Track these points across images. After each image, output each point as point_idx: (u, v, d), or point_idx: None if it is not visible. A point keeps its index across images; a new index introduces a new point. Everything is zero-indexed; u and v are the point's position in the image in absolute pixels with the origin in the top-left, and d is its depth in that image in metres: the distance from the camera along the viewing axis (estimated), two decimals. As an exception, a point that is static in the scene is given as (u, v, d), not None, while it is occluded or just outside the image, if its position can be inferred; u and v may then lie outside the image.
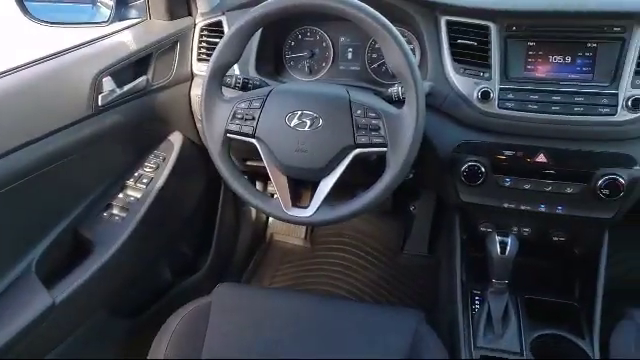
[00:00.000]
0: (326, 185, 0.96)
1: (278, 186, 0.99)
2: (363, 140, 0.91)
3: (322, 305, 1.11)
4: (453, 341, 1.12)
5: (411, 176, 1.16)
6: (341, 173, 0.94)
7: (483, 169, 1.07)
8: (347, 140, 0.92)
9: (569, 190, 1.04)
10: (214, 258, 1.60)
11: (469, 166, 1.07)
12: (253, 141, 0.97)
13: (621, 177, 0.99)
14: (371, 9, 0.87)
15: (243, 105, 0.96)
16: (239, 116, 0.96)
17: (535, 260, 1.30)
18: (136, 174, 1.25)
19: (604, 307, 1.12)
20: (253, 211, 1.86)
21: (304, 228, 1.98)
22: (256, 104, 0.96)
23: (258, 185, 1.76)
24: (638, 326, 0.99)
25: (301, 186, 1.52)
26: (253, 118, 0.95)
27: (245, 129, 0.96)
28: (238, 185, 1.00)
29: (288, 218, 0.98)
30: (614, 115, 0.97)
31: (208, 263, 1.57)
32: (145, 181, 1.23)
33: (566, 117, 0.99)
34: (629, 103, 0.96)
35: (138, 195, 1.21)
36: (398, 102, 0.94)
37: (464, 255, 1.25)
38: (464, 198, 1.13)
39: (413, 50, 1.19)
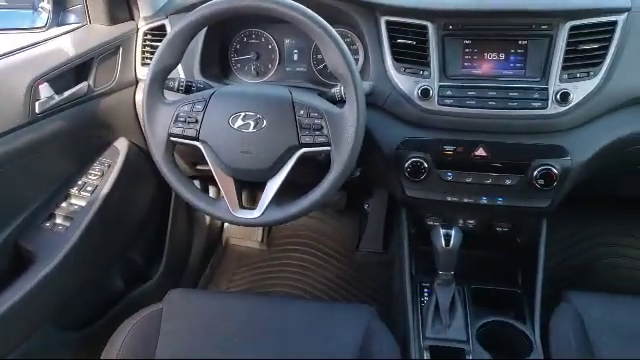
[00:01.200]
0: (273, 185, 0.96)
1: (224, 188, 0.99)
2: (307, 140, 0.92)
3: (275, 306, 1.11)
4: (404, 334, 1.14)
5: (358, 174, 1.18)
6: (287, 173, 0.95)
7: (426, 164, 1.10)
8: (291, 140, 0.93)
9: (508, 182, 1.09)
10: (167, 265, 1.58)
11: (412, 162, 1.10)
12: (197, 144, 0.96)
13: (554, 167, 1.04)
14: (308, 10, 0.88)
15: (186, 108, 0.96)
16: (182, 119, 0.95)
17: (481, 251, 1.34)
18: (80, 182, 1.21)
19: (546, 292, 1.17)
20: (207, 217, 1.85)
21: (260, 231, 1.98)
22: (199, 107, 0.95)
23: (211, 189, 1.75)
24: (575, 308, 1.04)
25: (249, 187, 1.53)
26: (196, 121, 0.95)
27: (188, 132, 0.95)
28: (183, 189, 0.99)
29: (236, 220, 0.98)
30: (545, 109, 1.02)
31: (161, 270, 1.55)
32: (89, 189, 1.20)
33: (502, 112, 1.04)
34: (558, 97, 1.01)
35: (82, 203, 1.18)
36: (341, 102, 0.96)
37: (412, 249, 1.28)
38: (409, 193, 1.16)
39: (357, 50, 1.21)
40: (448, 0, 1.06)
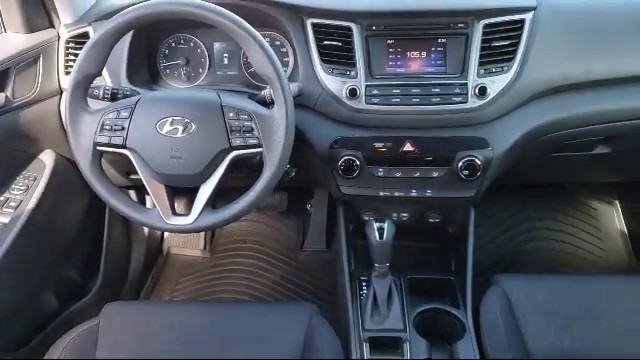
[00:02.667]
0: (206, 190, 0.96)
1: (156, 196, 0.97)
2: (238, 142, 0.93)
3: (216, 311, 1.11)
4: (345, 328, 1.17)
5: (294, 174, 1.19)
6: (220, 177, 0.95)
7: (358, 162, 1.13)
8: (222, 143, 0.93)
9: (435, 174, 1.14)
10: (105, 279, 1.53)
11: (345, 160, 1.13)
12: (125, 152, 0.94)
13: (477, 158, 1.10)
14: (232, 14, 0.89)
15: (111, 116, 0.94)
16: (107, 127, 0.93)
17: (415, 242, 1.40)
18: (2, 198, 1.16)
19: (478, 278, 1.24)
20: (145, 227, 1.81)
21: (202, 238, 1.96)
22: (124, 114, 0.94)
23: (149, 199, 1.71)
24: (502, 290, 1.10)
25: (185, 194, 1.51)
26: (122, 128, 0.93)
27: (115, 140, 0.93)
28: (113, 199, 0.97)
29: (169, 227, 0.97)
30: (466, 103, 1.07)
31: (98, 285, 1.50)
32: (13, 205, 1.15)
33: (426, 107, 1.08)
34: (477, 91, 1.06)
35: (5, 220, 1.13)
36: (272, 103, 0.97)
37: (350, 245, 1.31)
38: (344, 190, 1.19)
39: (287, 53, 1.23)
40: (370, 2, 1.10)
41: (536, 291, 1.10)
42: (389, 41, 1.11)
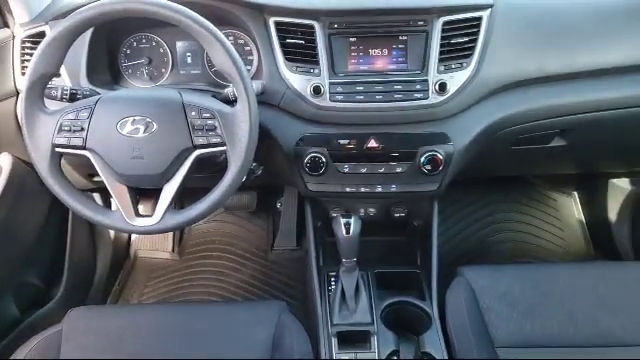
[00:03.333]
0: (170, 190, 0.95)
1: (118, 197, 0.96)
2: (201, 141, 0.93)
3: (185, 313, 1.10)
4: (315, 324, 1.18)
5: (260, 172, 1.20)
6: (184, 176, 0.95)
7: (324, 159, 1.14)
8: (185, 142, 0.92)
9: (399, 169, 1.16)
10: (69, 284, 1.49)
11: (311, 157, 1.14)
12: (85, 153, 0.93)
13: (439, 153, 1.12)
14: (192, 12, 0.88)
15: (70, 116, 0.92)
16: (66, 128, 0.91)
17: (382, 237, 1.42)
18: (-43, 203, 1.12)
19: (444, 271, 1.26)
20: (111, 231, 1.77)
21: (170, 240, 1.94)
22: (84, 114, 0.92)
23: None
24: (467, 281, 1.13)
25: (151, 195, 1.49)
26: (82, 129, 0.92)
27: (74, 141, 0.91)
28: (73, 201, 0.95)
29: (133, 229, 0.96)
30: (427, 99, 1.09)
31: (61, 291, 1.46)
32: (-32, 210, 1.11)
33: (388, 104, 1.10)
34: (437, 87, 1.09)
35: None
36: (235, 102, 0.97)
37: (318, 241, 1.32)
38: (311, 187, 1.20)
39: (251, 51, 1.23)
40: (332, 0, 1.11)
41: (499, 281, 1.13)
42: (351, 39, 1.12)
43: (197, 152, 0.94)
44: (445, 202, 1.85)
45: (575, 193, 1.90)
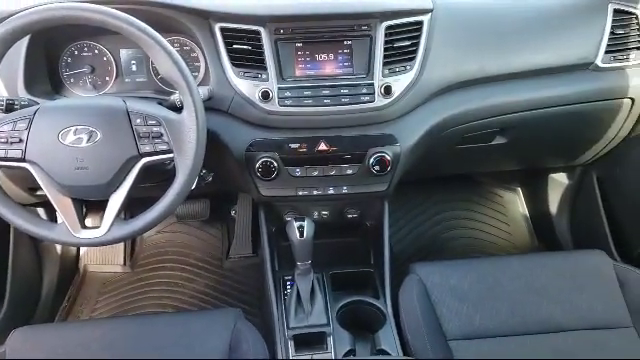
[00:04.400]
0: (117, 200, 0.93)
1: (62, 210, 0.93)
2: (147, 149, 0.91)
3: (136, 326, 1.08)
4: (271, 328, 1.18)
5: (210, 179, 1.19)
6: (131, 186, 0.93)
7: (275, 163, 1.14)
8: (130, 151, 0.91)
9: (349, 171, 1.18)
10: (12, 304, 1.42)
11: (262, 162, 1.14)
12: (24, 165, 0.89)
13: (387, 154, 1.15)
14: (134, 19, 0.87)
15: (6, 127, 0.89)
16: (3, 140, 0.88)
17: (337, 238, 1.44)
18: None
19: (399, 269, 1.29)
20: (58, 245, 1.70)
21: (121, 253, 1.89)
22: (22, 125, 0.89)
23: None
24: (419, 278, 1.16)
25: (96, 207, 1.44)
26: (20, 140, 0.88)
27: (12, 153, 0.88)
28: (14, 216, 0.91)
29: (78, 242, 0.93)
30: (373, 102, 1.12)
31: (4, 311, 1.39)
32: None
33: (336, 108, 1.12)
34: (382, 90, 1.11)
35: None
36: (182, 108, 0.96)
37: (273, 246, 1.33)
38: (264, 192, 1.20)
39: (197, 58, 1.22)
40: (277, 5, 1.11)
41: (449, 276, 1.17)
42: (298, 44, 1.13)
43: (144, 160, 0.92)
44: (397, 202, 1.89)
45: (519, 189, 1.99)
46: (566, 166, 1.66)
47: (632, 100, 1.27)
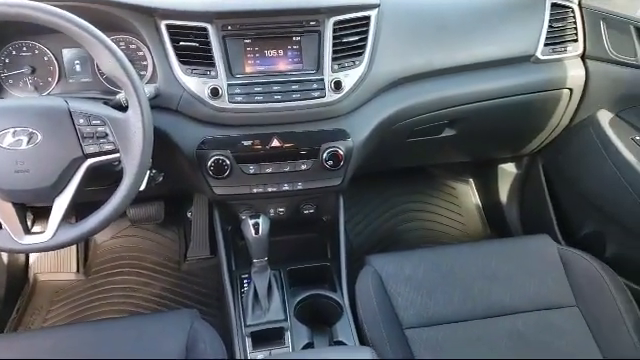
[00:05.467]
0: (62, 204, 0.90)
1: (3, 215, 0.89)
2: (92, 149, 0.89)
3: (89, 332, 1.05)
4: (229, 327, 1.17)
5: (161, 179, 1.17)
6: (76, 188, 0.90)
7: (228, 161, 1.13)
8: (74, 152, 0.88)
9: (303, 167, 1.18)
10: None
11: (214, 160, 1.13)
12: None
13: (340, 149, 1.16)
14: (74, 16, 0.84)
15: None
16: None
17: (293, 235, 1.44)
18: None
19: (356, 262, 1.30)
20: (4, 253, 1.63)
21: (74, 260, 1.83)
22: None
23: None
24: (374, 269, 1.18)
25: (42, 211, 1.39)
26: None
27: None
28: None
29: (23, 248, 0.90)
30: (324, 97, 1.12)
31: (-54, 326, 1.33)
32: None
33: (287, 104, 1.12)
34: (332, 85, 1.12)
35: None
36: (128, 108, 0.94)
37: (229, 245, 1.32)
38: (218, 191, 1.19)
39: (144, 57, 1.19)
40: (225, 2, 1.10)
41: (404, 266, 1.19)
42: (246, 40, 1.12)
43: (89, 161, 0.90)
44: (353, 197, 1.92)
45: (471, 180, 2.05)
46: (514, 156, 1.72)
47: (570, 90, 1.33)
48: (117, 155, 0.90)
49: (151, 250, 1.87)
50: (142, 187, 0.98)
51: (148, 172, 1.09)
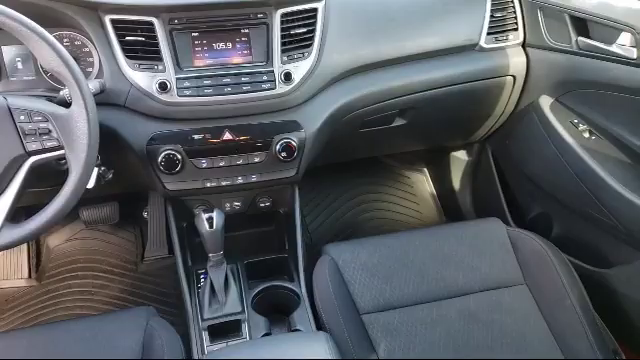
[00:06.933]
0: (3, 204, 0.87)
1: (-61, 218, 0.86)
2: (34, 147, 0.86)
3: (42, 335, 1.02)
4: (186, 322, 1.16)
5: (110, 176, 1.14)
6: (19, 187, 0.88)
7: (179, 156, 1.12)
8: (15, 150, 0.85)
9: (257, 159, 1.18)
10: None
11: (165, 155, 1.11)
12: None
13: (292, 140, 1.17)
14: (10, 10, 0.82)
15: None
16: None
17: (251, 229, 1.44)
18: None
19: (314, 254, 1.32)
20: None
21: (26, 266, 1.77)
22: None
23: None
24: (331, 258, 1.20)
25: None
26: None
27: None
28: None
29: None
30: (274, 89, 1.13)
31: None
32: None
33: (237, 96, 1.12)
34: (283, 77, 1.13)
35: None
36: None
37: (184, 242, 1.30)
38: (170, 187, 1.18)
39: (90, 52, 1.16)
40: (170, -5, 1.09)
41: (360, 253, 1.21)
42: (194, 34, 1.11)
43: (32, 159, 0.87)
44: (312, 189, 1.93)
45: (425, 169, 2.10)
46: (465, 143, 1.77)
47: (514, 77, 1.38)
48: (62, 152, 0.88)
49: (107, 252, 1.83)
50: (91, 185, 0.96)
51: (97, 169, 1.07)
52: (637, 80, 1.09)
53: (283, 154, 1.17)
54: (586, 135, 1.28)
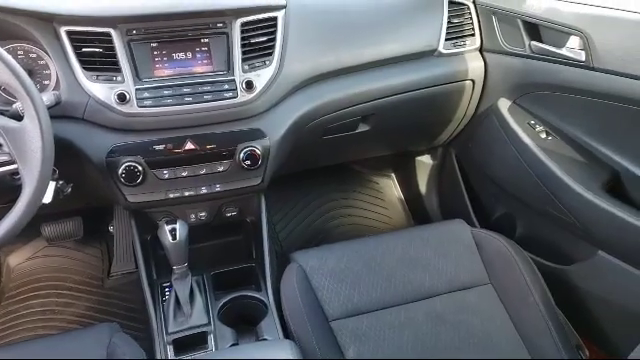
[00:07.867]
0: (-47, 221, 0.84)
1: None
2: None
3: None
4: (151, 337, 1.14)
5: (69, 190, 1.11)
6: None
7: (140, 167, 1.10)
8: None
9: (220, 168, 1.17)
10: None
11: (125, 167, 1.09)
12: None
13: (256, 148, 1.16)
14: None
15: None
16: None
17: (218, 240, 1.42)
18: None
19: (284, 262, 1.31)
20: None
21: (-20, 286, 1.70)
22: None
23: None
24: (299, 265, 1.19)
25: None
26: None
27: None
28: None
29: None
30: (236, 97, 1.13)
31: None
32: None
33: (199, 105, 1.11)
34: (244, 86, 1.12)
35: None
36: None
37: (148, 255, 1.28)
38: (131, 199, 1.16)
39: (46, 65, 1.14)
40: (127, 6, 1.07)
41: (327, 259, 1.21)
42: (153, 44, 1.10)
43: None
44: (281, 198, 1.93)
45: (393, 174, 2.12)
46: (429, 148, 1.80)
47: (473, 82, 1.42)
48: (14, 166, 0.85)
49: (72, 269, 1.78)
50: (48, 200, 0.94)
51: (54, 183, 1.04)
52: (587, 82, 1.13)
53: (247, 162, 1.16)
54: (543, 136, 1.31)
